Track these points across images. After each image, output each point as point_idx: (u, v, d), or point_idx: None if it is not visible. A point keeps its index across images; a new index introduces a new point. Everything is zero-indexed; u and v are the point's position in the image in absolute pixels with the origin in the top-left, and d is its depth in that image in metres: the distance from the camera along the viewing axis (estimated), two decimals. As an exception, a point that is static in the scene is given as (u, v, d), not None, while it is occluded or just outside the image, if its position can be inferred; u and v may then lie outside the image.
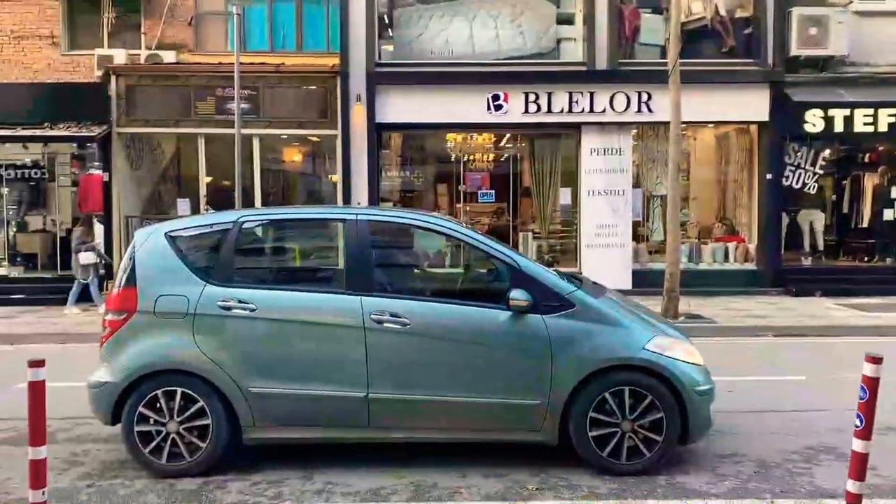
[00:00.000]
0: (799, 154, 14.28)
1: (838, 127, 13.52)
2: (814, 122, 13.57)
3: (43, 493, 4.01)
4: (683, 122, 11.95)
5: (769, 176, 14.02)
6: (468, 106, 13.79)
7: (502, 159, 15.23)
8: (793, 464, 4.98)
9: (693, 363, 4.85)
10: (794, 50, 13.56)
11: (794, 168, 14.26)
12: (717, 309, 12.02)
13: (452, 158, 15.05)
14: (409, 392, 4.74)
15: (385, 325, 4.72)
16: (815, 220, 14.79)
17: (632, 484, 4.59)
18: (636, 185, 14.44)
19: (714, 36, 14.26)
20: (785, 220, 14.43)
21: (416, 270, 6.86)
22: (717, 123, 14.76)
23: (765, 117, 13.92)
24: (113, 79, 13.97)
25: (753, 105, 13.87)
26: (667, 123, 11.52)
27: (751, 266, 14.37)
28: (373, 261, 5.05)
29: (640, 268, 14.25)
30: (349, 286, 4.86)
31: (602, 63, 13.84)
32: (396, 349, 4.75)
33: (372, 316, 4.72)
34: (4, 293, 13.55)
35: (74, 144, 14.58)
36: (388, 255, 5.87)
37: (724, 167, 15.31)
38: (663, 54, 13.17)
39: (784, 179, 14.20)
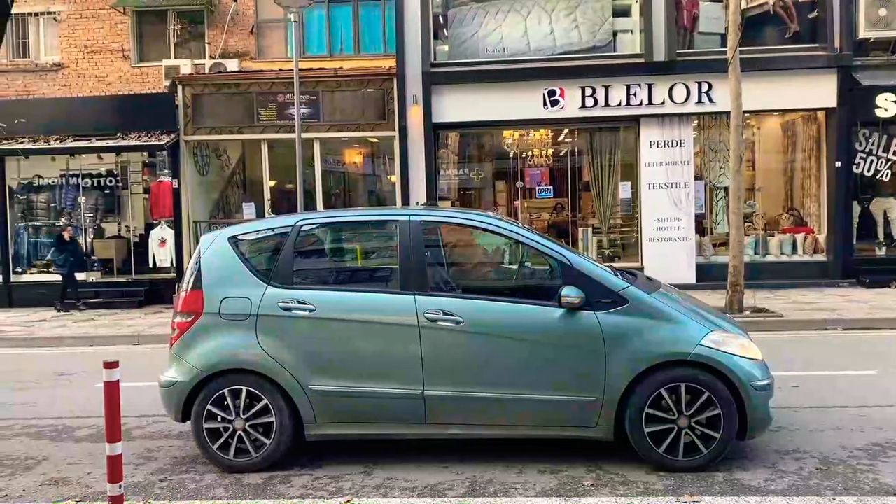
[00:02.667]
0: (870, 140, 13.77)
1: (912, 111, 13.00)
2: (885, 106, 13.11)
3: (119, 486, 4.25)
4: (747, 112, 11.69)
5: (838, 164, 13.56)
6: (524, 102, 13.79)
7: (560, 155, 15.17)
8: (857, 460, 4.86)
9: (750, 358, 4.78)
10: (863, 32, 13.10)
11: (865, 155, 13.76)
12: (785, 302, 11.71)
13: (510, 155, 15.07)
14: (464, 389, 4.82)
15: (439, 323, 4.81)
16: (889, 209, 14.22)
17: (689, 480, 4.56)
18: (698, 176, 14.19)
19: (777, 21, 13.88)
20: (856, 209, 13.95)
21: (469, 269, 6.93)
22: (783, 111, 14.38)
23: (832, 103, 13.48)
24: (179, 88, 14.50)
25: (820, 91, 13.44)
26: (729, 113, 11.27)
27: (820, 257, 13.94)
28: (426, 260, 5.14)
29: (704, 261, 14.00)
30: (404, 286, 4.97)
31: (660, 54, 13.63)
32: (450, 347, 4.83)
33: (426, 314, 4.82)
34: (83, 297, 14.20)
35: (145, 153, 15.19)
36: (442, 254, 5.95)
37: (791, 156, 14.89)
38: (724, 43, 12.87)
39: (854, 167, 13.72)
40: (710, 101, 13.58)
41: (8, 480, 5.05)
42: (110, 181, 15.43)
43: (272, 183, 14.95)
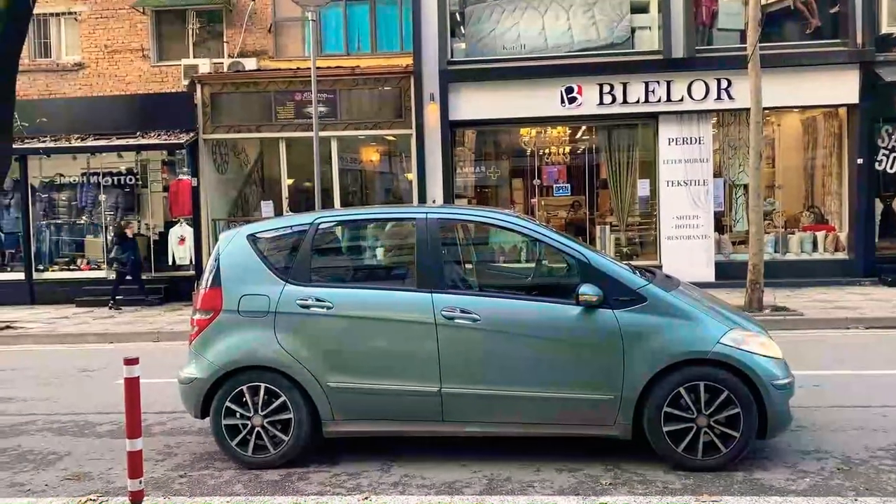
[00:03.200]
0: (893, 137, 13.62)
1: (936, 107, 12.82)
2: (908, 102, 12.91)
3: (140, 482, 4.30)
4: (766, 108, 11.58)
5: (860, 160, 13.41)
6: (541, 100, 13.75)
7: (578, 152, 15.11)
8: (879, 461, 4.80)
9: (771, 356, 4.74)
10: (886, 27, 12.96)
11: (887, 152, 13.60)
12: (805, 301, 11.60)
13: (527, 153, 15.04)
14: (481, 387, 4.81)
15: (456, 320, 4.80)
16: (911, 206, 14.06)
17: (708, 480, 4.53)
18: (717, 174, 14.09)
19: (797, 17, 13.75)
20: (878, 206, 13.78)
21: (486, 267, 6.92)
22: (803, 108, 14.24)
23: (854, 99, 13.33)
24: (198, 87, 14.60)
25: (842, 87, 13.30)
26: (748, 110, 11.18)
27: (841, 255, 13.79)
28: (443, 258, 5.14)
29: (723, 259, 13.90)
30: (420, 283, 4.98)
31: (679, 51, 13.54)
32: (467, 344, 4.83)
33: (443, 312, 4.82)
34: (103, 294, 14.36)
35: (165, 151, 15.32)
36: (458, 252, 5.95)
37: (812, 153, 14.73)
38: (743, 39, 12.76)
39: (876, 164, 13.56)
40: (730, 97, 13.47)
41: (31, 475, 5.12)
42: (130, 180, 15.58)
43: (290, 181, 15.02)
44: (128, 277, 13.99)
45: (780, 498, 4.22)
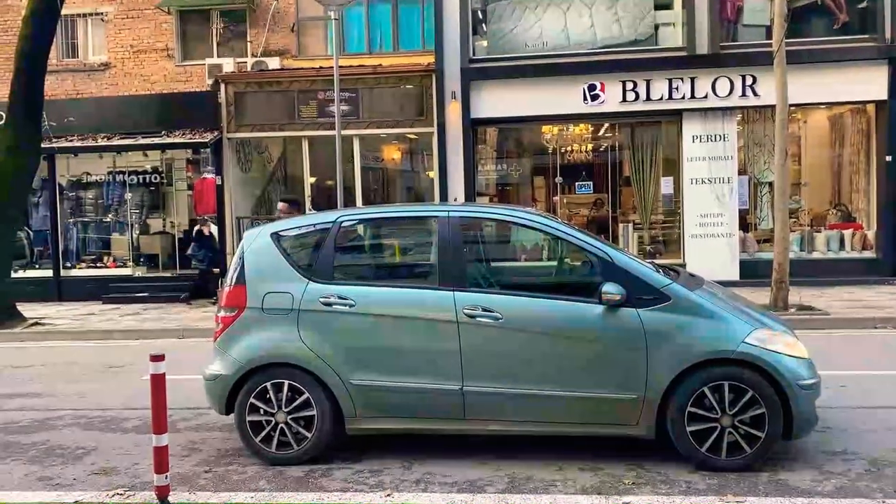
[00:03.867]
0: (922, 133, 13.36)
1: (967, 102, 12.59)
2: (939, 98, 12.69)
3: (166, 477, 4.35)
4: (793, 105, 11.44)
5: (889, 158, 13.21)
6: (564, 97, 13.70)
7: (600, 150, 15.03)
8: (908, 463, 4.73)
9: (796, 356, 4.69)
10: (915, 22, 12.69)
11: (916, 149, 13.36)
12: (831, 300, 11.45)
13: (549, 150, 14.99)
14: (503, 385, 4.81)
15: (478, 319, 4.80)
16: (941, 204, 13.79)
17: (732, 480, 4.49)
18: (742, 171, 13.95)
19: (824, 12, 13.56)
20: (907, 204, 13.55)
21: (508, 265, 6.92)
22: (830, 105, 14.04)
23: (883, 95, 13.14)
24: (222, 86, 14.74)
25: (870, 83, 13.11)
26: (774, 107, 11.06)
27: (869, 254, 13.60)
28: (465, 256, 5.15)
29: (748, 258, 13.76)
30: (442, 281, 4.98)
31: (703, 47, 13.42)
32: (489, 343, 4.83)
33: (465, 310, 4.82)
34: (129, 291, 14.57)
35: (189, 150, 15.47)
36: (480, 250, 5.95)
37: (839, 150, 14.54)
38: (769, 35, 12.60)
39: (905, 161, 13.33)
40: (755, 94, 13.33)
41: (60, 469, 5.20)
42: (155, 178, 15.76)
43: (312, 179, 15.11)
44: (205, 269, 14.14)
45: (806, 499, 4.18)
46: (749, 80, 13.30)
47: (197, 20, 16.15)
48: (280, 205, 8.83)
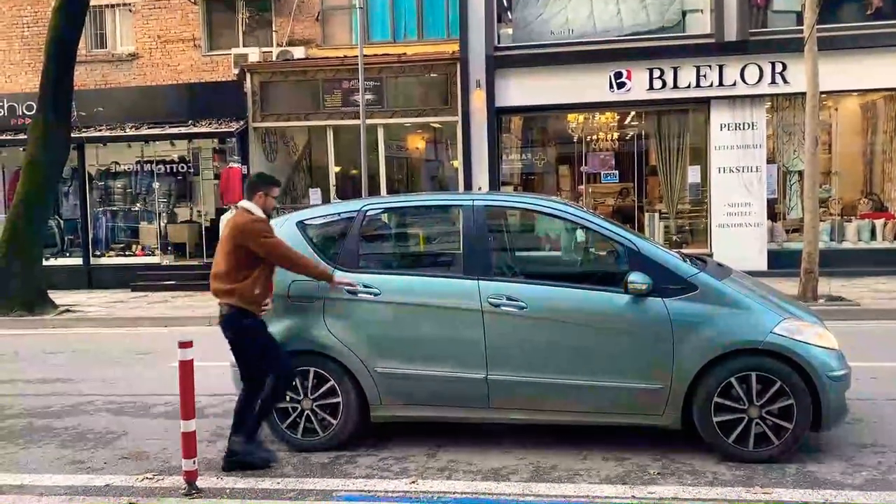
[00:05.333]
0: (958, 121, 13.08)
1: None
2: (976, 84, 12.39)
3: (194, 462, 4.42)
4: (824, 92, 11.23)
5: (923, 146, 12.93)
6: (590, 85, 13.57)
7: (626, 138, 14.88)
8: (941, 456, 4.65)
9: (826, 347, 4.62)
10: (952, 7, 12.38)
11: (952, 137, 13.08)
12: (862, 290, 11.27)
13: (574, 139, 14.87)
14: (528, 374, 4.80)
15: (502, 308, 4.80)
16: (978, 193, 13.52)
17: (759, 471, 4.45)
18: (771, 160, 13.73)
19: (857, -3, 13.26)
20: (941, 193, 13.29)
21: (533, 254, 6.89)
22: (862, 92, 13.76)
23: (917, 82, 12.83)
24: (248, 76, 14.81)
25: (904, 70, 12.81)
26: (804, 94, 10.87)
27: (901, 244, 13.34)
28: (490, 245, 5.14)
29: (776, 248, 13.58)
30: (467, 270, 4.98)
31: (731, 34, 13.20)
32: (514, 332, 4.82)
33: (489, 299, 4.81)
34: (158, 279, 14.74)
35: (215, 140, 15.58)
36: (505, 239, 5.93)
37: (871, 138, 14.26)
38: (799, 21, 12.36)
39: (940, 149, 13.05)
40: (785, 81, 13.11)
41: (91, 453, 5.30)
42: (182, 167, 15.90)
43: (337, 169, 15.15)
44: None
45: (835, 491, 4.13)
46: (779, 67, 13.08)
47: (223, 10, 16.22)
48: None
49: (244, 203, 4.89)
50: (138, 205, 15.95)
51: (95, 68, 16.26)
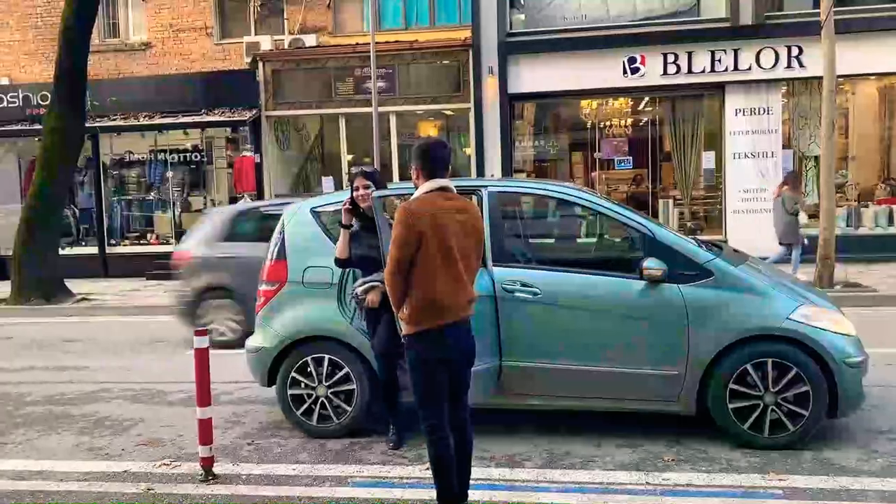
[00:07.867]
0: (978, 104, 12.88)
1: None
2: None
3: (210, 448, 4.46)
4: (840, 76, 11.09)
5: (941, 130, 12.76)
6: (603, 71, 13.48)
7: (640, 124, 14.77)
8: (959, 442, 4.62)
9: (842, 333, 4.59)
10: (972, -12, 12.18)
11: (971, 120, 12.89)
12: (879, 277, 11.16)
13: (588, 125, 14.78)
14: (541, 360, 4.79)
15: (516, 294, 4.78)
16: None
17: (774, 458, 4.43)
18: (787, 145, 13.60)
19: (875, -21, 13.06)
20: (960, 178, 13.12)
21: (547, 240, 6.88)
22: (880, 75, 13.57)
23: (936, 65, 12.65)
24: (260, 65, 14.81)
25: (923, 53, 12.62)
26: (820, 78, 10.73)
27: (919, 230, 13.20)
28: (503, 231, 5.12)
29: (792, 234, 13.43)
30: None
31: (747, 17, 13.04)
32: (528, 318, 4.80)
33: (503, 286, 4.80)
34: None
35: (228, 129, 15.61)
36: (519, 225, 5.91)
37: (889, 123, 14.08)
38: (815, 4, 12.19)
39: (959, 133, 12.88)
40: (801, 65, 12.95)
41: (108, 440, 5.35)
42: (196, 156, 15.93)
43: (350, 157, 15.14)
44: None
45: (852, 478, 4.11)
46: (795, 51, 12.92)
47: (235, -2, 16.21)
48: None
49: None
50: (152, 194, 16.02)
51: (108, 58, 16.30)
